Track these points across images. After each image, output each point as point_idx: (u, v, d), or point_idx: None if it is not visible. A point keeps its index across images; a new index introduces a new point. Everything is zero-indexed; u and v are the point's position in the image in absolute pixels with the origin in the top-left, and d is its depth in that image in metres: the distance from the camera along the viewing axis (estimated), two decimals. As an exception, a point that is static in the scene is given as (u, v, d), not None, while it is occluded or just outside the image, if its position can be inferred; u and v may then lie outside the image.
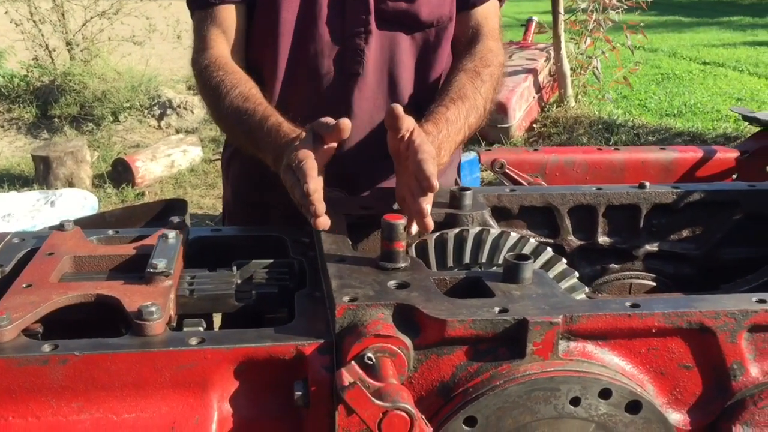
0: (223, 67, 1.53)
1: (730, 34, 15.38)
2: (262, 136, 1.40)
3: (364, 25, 1.56)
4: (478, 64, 1.58)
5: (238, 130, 1.49)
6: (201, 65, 1.56)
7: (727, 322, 1.04)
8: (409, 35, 1.60)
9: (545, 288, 1.09)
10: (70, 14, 8.10)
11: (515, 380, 0.99)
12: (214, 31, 1.58)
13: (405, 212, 1.30)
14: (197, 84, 1.61)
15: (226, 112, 1.48)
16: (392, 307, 1.02)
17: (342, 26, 1.56)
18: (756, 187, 1.60)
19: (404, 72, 1.62)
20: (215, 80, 1.51)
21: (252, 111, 1.43)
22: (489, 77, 1.56)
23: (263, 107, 1.43)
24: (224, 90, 1.49)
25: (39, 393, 0.98)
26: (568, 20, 7.58)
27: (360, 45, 1.57)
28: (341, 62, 1.58)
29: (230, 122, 1.50)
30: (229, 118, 1.49)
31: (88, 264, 1.25)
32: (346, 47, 1.57)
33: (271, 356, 1.02)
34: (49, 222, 4.44)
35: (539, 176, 1.91)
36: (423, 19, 1.59)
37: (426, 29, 1.61)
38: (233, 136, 1.59)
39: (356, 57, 1.58)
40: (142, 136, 7.17)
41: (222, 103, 1.49)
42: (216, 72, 1.52)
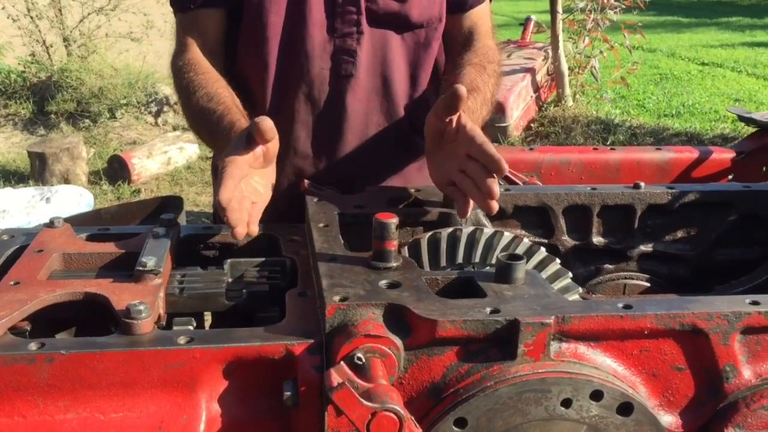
0: (194, 68, 1.54)
1: (729, 35, 15.39)
2: (218, 136, 1.41)
3: (356, 26, 1.55)
4: (483, 59, 1.58)
5: (202, 129, 1.50)
6: (176, 66, 1.58)
7: (720, 323, 1.04)
8: (400, 35, 1.59)
9: (537, 288, 1.08)
10: (67, 10, 8.08)
11: (506, 381, 0.98)
12: (192, 34, 1.59)
13: (454, 197, 1.31)
14: (173, 85, 1.62)
15: (193, 111, 1.50)
16: (383, 306, 1.02)
17: (333, 27, 1.55)
18: (751, 188, 1.59)
19: (396, 73, 1.61)
20: (186, 80, 1.52)
21: (212, 110, 1.44)
22: (493, 73, 1.58)
23: (223, 107, 1.43)
24: (192, 89, 1.50)
25: (25, 392, 0.97)
26: (566, 19, 7.58)
27: (352, 46, 1.56)
28: (333, 64, 1.57)
29: (196, 122, 1.52)
30: (195, 117, 1.51)
31: (78, 261, 1.24)
32: (337, 48, 1.56)
33: (261, 356, 1.01)
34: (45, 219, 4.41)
35: (534, 176, 1.90)
36: (414, 19, 1.58)
37: (416, 29, 1.60)
38: (199, 135, 1.59)
39: (348, 58, 1.56)
40: (139, 133, 7.15)
41: (189, 103, 1.50)
42: (188, 73, 1.53)
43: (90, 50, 8.03)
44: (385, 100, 1.62)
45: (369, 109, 1.61)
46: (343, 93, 1.58)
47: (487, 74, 1.55)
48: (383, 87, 1.61)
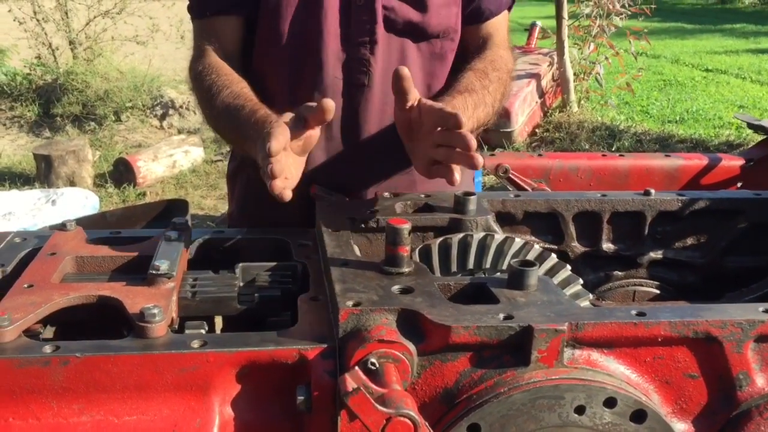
0: (216, 70, 1.54)
1: (733, 42, 15.39)
2: (249, 129, 1.39)
3: (369, 35, 1.54)
4: (488, 65, 1.58)
5: (229, 127, 1.49)
6: (196, 71, 1.58)
7: (733, 331, 1.04)
8: (416, 45, 1.59)
9: (550, 295, 1.08)
10: (73, 13, 8.11)
11: (519, 388, 0.98)
12: (210, 40, 1.60)
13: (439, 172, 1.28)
14: (192, 89, 1.63)
15: (218, 111, 1.49)
16: (396, 312, 1.02)
17: (347, 35, 1.54)
18: (761, 196, 1.59)
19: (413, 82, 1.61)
20: (207, 82, 1.53)
21: (241, 107, 1.43)
22: (497, 79, 1.56)
23: (252, 103, 1.43)
24: (216, 90, 1.50)
25: (40, 394, 0.97)
26: (571, 25, 7.59)
27: (366, 55, 1.55)
28: (347, 72, 1.56)
29: (221, 121, 1.51)
30: (220, 116, 1.50)
31: (90, 265, 1.24)
32: (351, 57, 1.55)
33: (274, 360, 1.01)
34: (50, 221, 4.43)
35: (543, 182, 1.90)
36: (431, 30, 1.58)
37: (432, 39, 1.60)
38: (224, 135, 1.59)
39: (362, 67, 1.56)
40: (144, 136, 7.17)
41: (213, 103, 1.50)
42: (209, 75, 1.54)
43: (96, 53, 8.07)
44: None
45: (383, 118, 1.60)
46: (356, 102, 1.57)
47: (488, 79, 1.54)
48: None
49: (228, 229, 1.44)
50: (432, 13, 1.57)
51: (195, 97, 1.63)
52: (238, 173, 1.77)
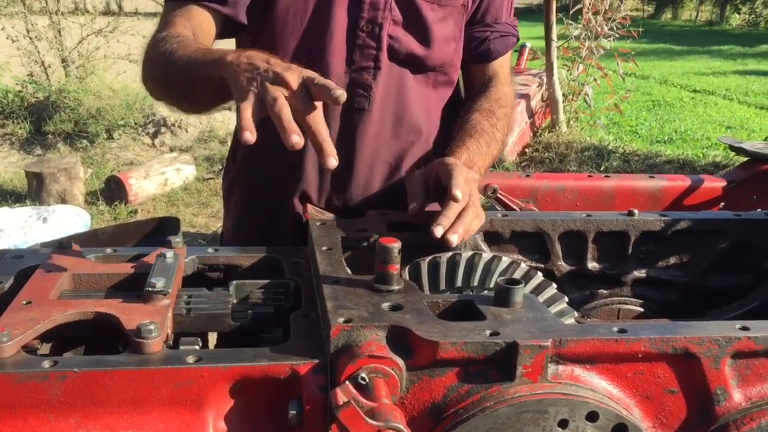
0: (182, 34, 1.46)
1: (721, 63, 15.59)
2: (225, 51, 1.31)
3: (374, 61, 1.58)
4: (494, 104, 1.66)
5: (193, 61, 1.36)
6: (156, 38, 1.48)
7: (710, 348, 1.07)
8: (413, 76, 1.64)
9: (535, 312, 1.12)
10: (66, 31, 8.16)
11: (505, 402, 1.01)
12: (181, 19, 1.52)
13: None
14: (146, 54, 1.50)
15: (180, 55, 1.39)
16: (386, 328, 1.05)
17: (352, 59, 1.58)
18: (742, 217, 1.64)
19: (408, 110, 1.65)
20: (172, 42, 1.42)
21: (217, 49, 1.35)
22: (503, 116, 1.65)
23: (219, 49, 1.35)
24: (181, 43, 1.40)
25: (38, 408, 0.99)
26: (561, 47, 7.68)
27: (368, 80, 1.59)
28: (348, 97, 1.60)
29: (183, 60, 1.38)
30: (182, 57, 1.38)
31: (87, 282, 1.27)
32: (354, 81, 1.59)
33: (267, 375, 1.03)
34: (42, 238, 4.45)
35: (531, 202, 1.94)
36: (431, 63, 1.64)
37: (429, 72, 1.66)
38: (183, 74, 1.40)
39: (363, 91, 1.59)
40: (136, 154, 7.20)
41: (176, 52, 1.40)
42: (174, 37, 1.44)
43: (88, 71, 8.11)
44: (395, 136, 1.66)
45: (378, 143, 1.64)
46: (354, 126, 1.61)
47: (495, 117, 1.63)
48: (394, 123, 1.64)
49: (222, 247, 1.47)
50: (434, 47, 1.62)
51: (149, 63, 1.49)
52: (234, 188, 1.80)
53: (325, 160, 1.17)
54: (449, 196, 1.32)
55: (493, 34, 1.73)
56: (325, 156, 1.17)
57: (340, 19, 1.56)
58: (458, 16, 1.67)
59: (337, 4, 1.55)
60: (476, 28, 1.72)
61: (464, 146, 1.55)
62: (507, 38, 1.76)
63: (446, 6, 1.63)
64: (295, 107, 1.17)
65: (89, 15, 8.35)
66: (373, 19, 1.56)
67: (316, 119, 1.18)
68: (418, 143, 1.68)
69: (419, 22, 1.60)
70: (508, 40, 1.76)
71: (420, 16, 1.60)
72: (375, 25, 1.57)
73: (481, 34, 1.72)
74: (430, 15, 1.60)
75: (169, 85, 1.51)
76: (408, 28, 1.60)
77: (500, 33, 1.74)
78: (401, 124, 1.65)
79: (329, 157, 1.17)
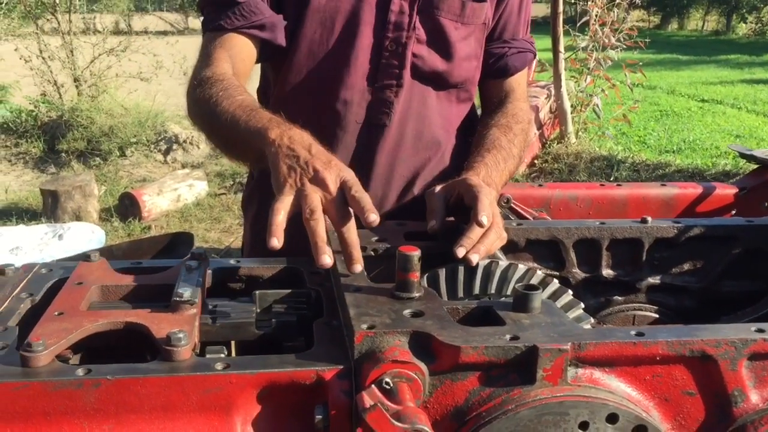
0: (228, 79, 1.47)
1: (728, 72, 15.59)
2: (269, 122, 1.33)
3: (396, 79, 1.61)
4: (510, 120, 1.68)
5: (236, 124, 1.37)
6: (201, 78, 1.49)
7: (727, 350, 1.09)
8: (435, 92, 1.67)
9: (554, 317, 1.14)
10: (78, 51, 8.27)
11: (526, 405, 1.04)
12: (221, 52, 1.54)
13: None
14: (190, 98, 1.52)
15: (224, 111, 1.39)
16: (408, 334, 1.07)
17: (375, 77, 1.60)
18: (754, 223, 1.66)
19: (428, 126, 1.68)
20: (215, 89, 1.44)
21: (259, 109, 1.37)
22: (521, 131, 1.67)
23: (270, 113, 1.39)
24: (225, 95, 1.42)
25: (72, 415, 1.02)
26: (568, 59, 7.72)
27: (390, 97, 1.62)
28: (370, 112, 1.62)
29: (225, 120, 1.39)
30: (225, 115, 1.39)
31: (115, 293, 1.30)
32: (376, 98, 1.61)
33: (293, 381, 1.06)
34: (57, 255, 4.50)
35: (544, 211, 1.97)
36: (453, 80, 1.67)
37: (450, 89, 1.69)
38: (225, 134, 1.44)
39: (385, 108, 1.62)
40: (149, 171, 7.27)
41: (220, 105, 1.41)
42: (219, 82, 1.46)
43: (100, 90, 8.21)
44: (415, 152, 1.68)
45: (396, 158, 1.67)
46: (373, 141, 1.64)
47: (513, 133, 1.65)
48: (413, 139, 1.67)
49: (243, 259, 1.50)
50: (456, 64, 1.65)
51: (193, 107, 1.51)
52: (252, 200, 1.82)
53: (352, 267, 1.23)
54: (474, 220, 1.33)
55: (511, 50, 1.76)
56: (352, 263, 1.23)
57: (365, 38, 1.59)
58: (480, 33, 1.70)
59: (364, 23, 1.58)
60: (494, 44, 1.75)
61: (482, 162, 1.57)
62: (524, 54, 1.79)
63: (469, 24, 1.66)
64: (331, 215, 1.23)
65: (100, 35, 8.46)
66: (398, 39, 1.60)
67: (350, 230, 1.24)
68: (435, 158, 1.71)
69: (443, 41, 1.63)
70: (526, 57, 1.79)
71: (444, 35, 1.63)
72: (399, 44, 1.60)
73: (499, 50, 1.75)
74: (454, 34, 1.64)
75: (210, 134, 1.53)
76: (432, 47, 1.63)
77: (518, 49, 1.77)
78: (420, 140, 1.68)
79: (356, 264, 1.23)
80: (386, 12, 1.59)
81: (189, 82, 1.56)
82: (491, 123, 1.69)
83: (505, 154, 1.60)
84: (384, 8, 1.59)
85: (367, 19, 1.58)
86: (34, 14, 8.30)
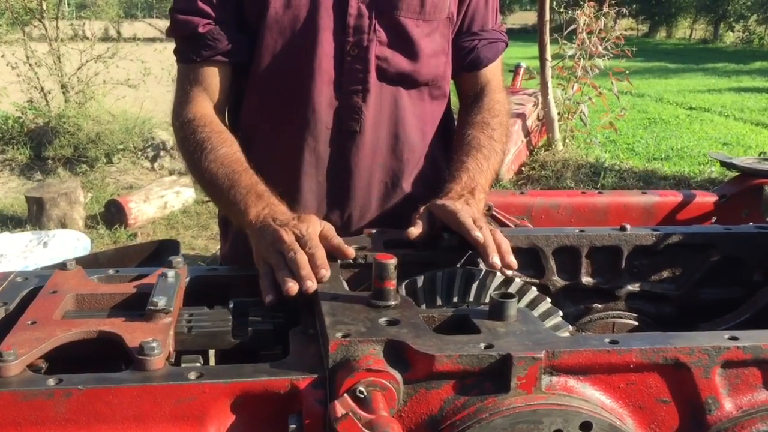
0: (209, 124, 1.56)
1: (716, 80, 15.71)
2: (247, 195, 1.45)
3: (362, 83, 1.60)
4: (486, 115, 1.68)
5: (218, 189, 1.50)
6: (184, 118, 1.59)
7: (701, 358, 1.10)
8: (407, 92, 1.66)
9: (529, 325, 1.14)
10: (66, 58, 8.23)
11: (500, 413, 1.03)
12: (197, 87, 1.61)
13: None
14: (177, 136, 1.62)
15: (208, 168, 1.51)
16: (383, 342, 1.07)
17: (340, 83, 1.59)
18: (732, 231, 1.67)
19: (403, 129, 1.67)
20: (199, 136, 1.54)
21: (233, 172, 1.48)
22: (498, 125, 1.67)
23: (251, 174, 1.49)
24: (209, 147, 1.52)
25: (43, 426, 1.01)
26: (555, 66, 7.76)
27: (358, 103, 1.60)
28: (339, 119, 1.61)
29: (210, 181, 1.52)
30: (210, 177, 1.51)
31: (90, 302, 1.29)
32: (343, 104, 1.60)
33: (267, 390, 1.06)
34: (42, 263, 4.47)
35: (525, 218, 1.97)
36: (422, 78, 1.66)
37: (422, 87, 1.67)
38: (211, 194, 1.58)
39: (354, 114, 1.61)
40: (136, 178, 7.24)
41: (205, 159, 1.51)
42: (201, 128, 1.55)
43: (88, 96, 8.17)
44: (392, 155, 1.67)
45: (374, 164, 1.65)
46: (347, 149, 1.62)
47: (491, 128, 1.65)
48: (389, 143, 1.66)
49: (221, 267, 1.50)
50: (423, 62, 1.64)
51: (180, 146, 1.62)
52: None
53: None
54: (472, 242, 1.36)
55: (482, 42, 1.74)
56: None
57: (326, 45, 1.58)
58: (444, 29, 1.68)
59: (323, 29, 1.57)
60: (464, 37, 1.74)
61: (463, 167, 1.57)
62: (496, 44, 1.77)
63: (431, 20, 1.64)
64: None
65: (88, 41, 8.43)
66: (359, 42, 1.58)
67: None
68: (413, 161, 1.70)
69: (406, 40, 1.62)
70: (497, 46, 1.77)
71: (406, 34, 1.61)
72: (361, 48, 1.59)
73: (469, 43, 1.74)
74: (416, 31, 1.62)
75: (197, 183, 1.69)
76: (395, 47, 1.61)
77: (488, 40, 1.75)
78: (396, 144, 1.67)
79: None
80: (344, 16, 1.58)
81: (172, 118, 1.64)
82: (468, 121, 1.68)
83: (486, 152, 1.59)
84: (342, 13, 1.58)
85: (325, 24, 1.57)
86: (22, 21, 8.26)
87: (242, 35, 1.61)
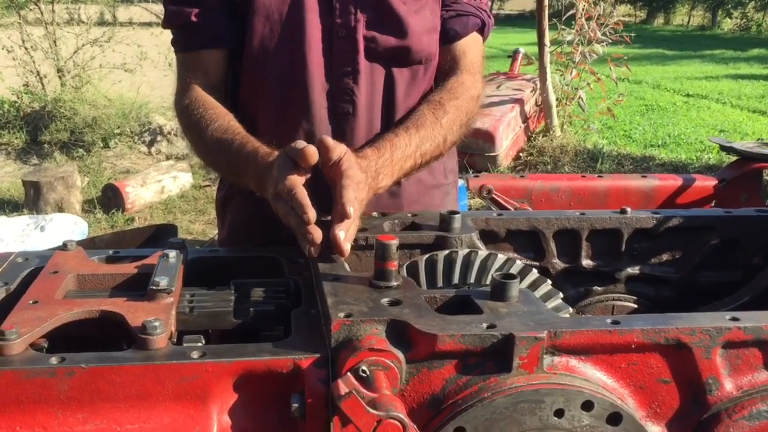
0: (203, 104, 1.59)
1: (713, 67, 15.67)
2: (242, 163, 1.46)
3: (352, 65, 1.58)
4: (445, 96, 1.61)
5: (220, 160, 1.55)
6: (182, 105, 1.62)
7: (702, 338, 1.10)
8: (399, 71, 1.63)
9: (531, 306, 1.15)
10: (62, 41, 8.18)
11: (502, 392, 1.04)
12: (196, 74, 1.64)
13: None
14: (179, 123, 1.67)
15: (208, 144, 1.54)
16: (385, 322, 1.07)
17: (330, 66, 1.59)
18: (732, 214, 1.67)
19: (397, 109, 1.65)
20: (195, 116, 1.57)
21: (231, 140, 1.49)
22: (454, 109, 1.59)
23: (241, 136, 1.49)
24: (204, 124, 1.55)
25: (46, 404, 1.02)
26: (554, 52, 7.73)
27: (349, 84, 1.60)
28: (332, 102, 1.60)
29: (212, 154, 1.56)
30: (210, 150, 1.55)
31: (91, 282, 1.29)
32: (335, 87, 1.59)
33: (270, 370, 1.06)
34: (39, 247, 4.46)
35: (525, 202, 1.97)
36: (413, 56, 1.63)
37: (414, 66, 1.65)
38: (215, 167, 1.64)
39: (346, 96, 1.60)
40: (133, 162, 7.22)
41: (203, 137, 1.55)
42: (196, 109, 1.58)
43: (84, 81, 8.12)
44: None
45: None
46: (342, 131, 1.61)
47: (443, 110, 1.57)
48: (384, 124, 1.64)
49: (222, 248, 1.50)
50: (413, 39, 1.61)
51: (183, 130, 1.67)
52: (229, 200, 1.81)
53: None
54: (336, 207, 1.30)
55: (449, 13, 1.68)
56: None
57: (314, 27, 1.57)
58: (434, 4, 1.65)
59: (309, 11, 1.56)
60: (441, 10, 1.68)
61: (389, 143, 1.49)
62: (466, 18, 1.70)
63: None
64: None
65: (84, 25, 8.38)
66: (346, 23, 1.57)
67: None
68: None
69: (393, 18, 1.59)
70: (468, 20, 1.70)
71: (393, 12, 1.59)
72: (348, 28, 1.57)
73: (442, 14, 1.68)
74: (403, 9, 1.59)
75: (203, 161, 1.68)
76: (382, 26, 1.59)
77: (457, 12, 1.69)
78: (390, 124, 1.65)
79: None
80: None
81: (174, 106, 1.67)
82: (427, 98, 1.63)
83: (423, 134, 1.53)
84: None
85: (311, 6, 1.57)
86: (17, 4, 8.20)
87: (234, 21, 1.62)
